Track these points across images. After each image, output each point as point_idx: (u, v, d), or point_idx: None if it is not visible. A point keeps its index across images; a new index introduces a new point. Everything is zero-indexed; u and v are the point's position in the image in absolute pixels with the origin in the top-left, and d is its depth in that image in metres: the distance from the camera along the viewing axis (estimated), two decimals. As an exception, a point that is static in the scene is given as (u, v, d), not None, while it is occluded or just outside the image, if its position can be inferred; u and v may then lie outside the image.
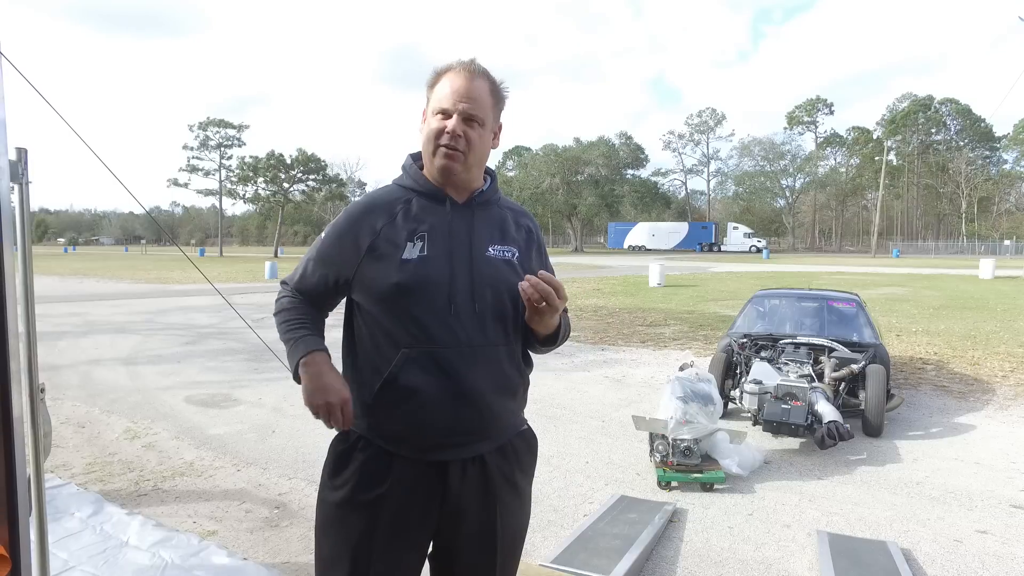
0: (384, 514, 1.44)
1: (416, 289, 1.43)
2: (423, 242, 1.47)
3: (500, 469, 1.52)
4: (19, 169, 1.61)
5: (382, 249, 1.47)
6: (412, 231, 1.48)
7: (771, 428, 4.78)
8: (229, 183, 61.12)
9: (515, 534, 1.59)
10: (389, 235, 1.48)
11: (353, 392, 1.50)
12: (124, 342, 9.80)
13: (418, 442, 1.46)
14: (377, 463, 1.47)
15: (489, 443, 1.51)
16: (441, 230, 1.49)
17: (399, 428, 1.46)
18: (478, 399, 1.45)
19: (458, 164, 1.47)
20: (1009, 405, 6.21)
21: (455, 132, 1.44)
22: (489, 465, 1.51)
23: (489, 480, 1.51)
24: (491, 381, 1.47)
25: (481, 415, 1.46)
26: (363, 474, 1.47)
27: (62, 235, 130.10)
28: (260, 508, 3.76)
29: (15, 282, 1.32)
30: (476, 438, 1.49)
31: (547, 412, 5.86)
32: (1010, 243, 57.11)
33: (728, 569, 3.12)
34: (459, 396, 1.43)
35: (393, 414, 1.45)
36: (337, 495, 1.49)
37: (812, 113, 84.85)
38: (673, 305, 14.97)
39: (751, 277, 24.83)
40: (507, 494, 1.54)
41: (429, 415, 1.43)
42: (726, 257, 52.60)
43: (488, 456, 1.51)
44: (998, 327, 11.20)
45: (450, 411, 1.43)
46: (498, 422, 1.52)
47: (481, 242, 1.51)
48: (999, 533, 3.53)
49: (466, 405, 1.44)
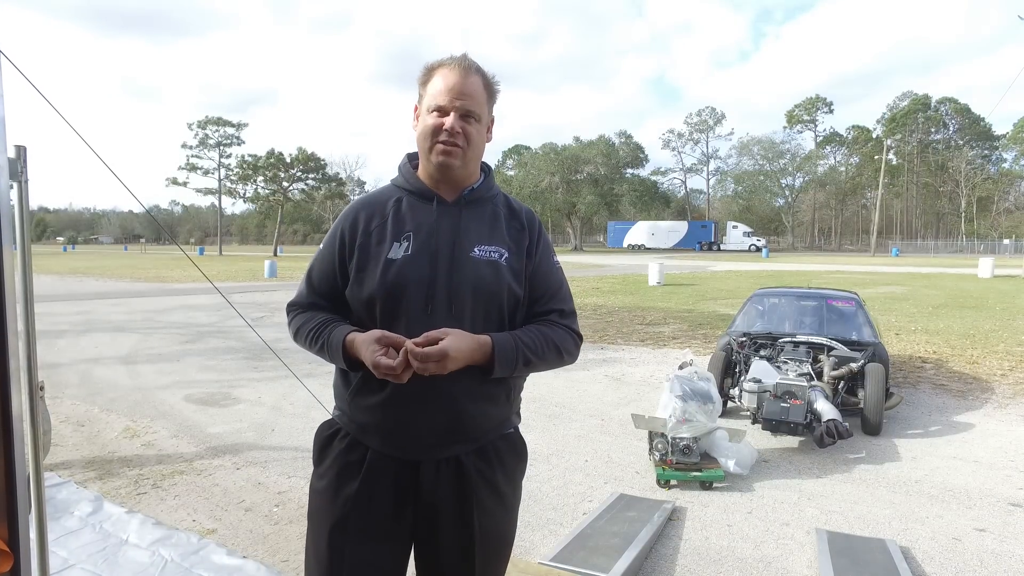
0: (358, 507, 1.47)
1: (397, 288, 1.44)
2: (408, 242, 1.47)
3: (478, 470, 1.50)
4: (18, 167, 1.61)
5: (371, 247, 1.48)
6: (399, 231, 1.49)
7: (770, 426, 4.78)
8: (228, 182, 61.08)
9: (498, 537, 1.56)
10: (379, 234, 1.49)
11: (339, 384, 1.56)
12: (123, 341, 9.80)
13: (392, 439, 1.47)
14: (354, 455, 1.50)
15: (466, 445, 1.50)
16: (427, 230, 1.49)
17: (374, 423, 1.48)
18: (450, 403, 1.44)
19: (456, 160, 1.47)
20: (1008, 404, 6.22)
21: (453, 129, 1.44)
22: (465, 465, 1.49)
23: (465, 480, 1.49)
24: (465, 385, 1.43)
25: (453, 419, 1.45)
26: (340, 465, 1.50)
27: (61, 234, 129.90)
28: (259, 506, 3.76)
29: (14, 281, 1.32)
30: (450, 439, 1.47)
31: (546, 411, 5.87)
32: (1009, 242, 57.08)
33: (727, 567, 3.13)
34: (431, 399, 1.42)
35: (369, 409, 1.47)
36: (320, 484, 1.53)
37: (811, 112, 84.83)
38: (672, 304, 14.98)
39: (750, 276, 24.83)
40: (486, 496, 1.51)
41: (401, 415, 1.44)
42: (725, 256, 52.59)
43: (465, 457, 1.49)
44: (997, 326, 11.21)
45: (424, 412, 1.43)
46: (475, 425, 1.48)
47: (467, 242, 1.49)
48: (997, 531, 3.54)
49: (438, 408, 1.43)
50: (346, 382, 1.52)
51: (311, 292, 1.57)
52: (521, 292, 1.52)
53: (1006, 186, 69.61)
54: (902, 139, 75.32)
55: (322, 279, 1.56)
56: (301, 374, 3.13)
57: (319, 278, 1.56)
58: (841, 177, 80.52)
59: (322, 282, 1.56)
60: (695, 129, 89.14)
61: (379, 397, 1.44)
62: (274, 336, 9.31)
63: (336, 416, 1.57)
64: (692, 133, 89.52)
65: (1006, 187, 69.56)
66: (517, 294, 1.51)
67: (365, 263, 1.47)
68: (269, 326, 10.81)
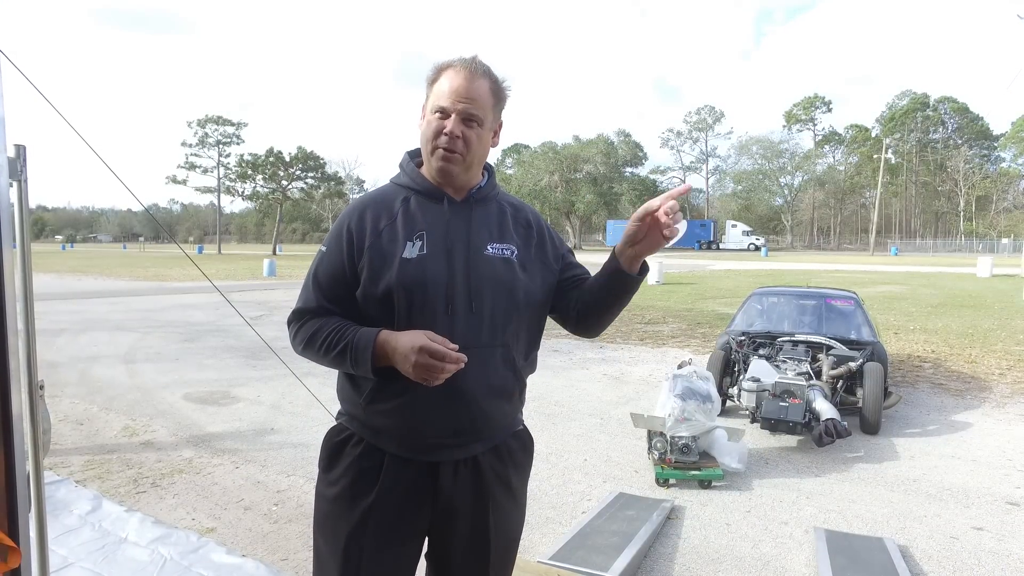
0: (375, 513, 1.44)
1: (415, 288, 1.42)
2: (422, 241, 1.45)
3: (494, 469, 1.52)
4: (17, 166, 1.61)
5: (383, 248, 1.45)
6: (411, 230, 1.46)
7: (769, 426, 4.79)
8: (228, 180, 61.05)
9: (509, 535, 1.58)
10: (390, 234, 1.46)
11: (348, 389, 1.50)
12: (122, 339, 9.79)
13: (409, 442, 1.45)
14: (369, 460, 1.46)
15: (482, 444, 1.50)
16: (439, 229, 1.47)
17: (391, 427, 1.45)
18: (471, 401, 1.43)
19: (456, 166, 1.46)
20: (1006, 403, 6.23)
21: (453, 133, 1.42)
22: (482, 465, 1.50)
23: (482, 480, 1.50)
24: (485, 383, 1.44)
25: (474, 417, 1.45)
26: (356, 471, 1.46)
27: (60, 232, 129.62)
28: (258, 505, 3.76)
29: (14, 279, 1.32)
30: (469, 439, 1.48)
31: (545, 410, 5.87)
32: (1008, 241, 57.09)
33: (726, 566, 3.13)
34: (452, 398, 1.41)
35: (385, 413, 1.44)
36: (331, 491, 1.49)
37: (810, 111, 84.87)
38: (672, 303, 14.99)
39: (749, 275, 24.85)
40: (501, 494, 1.53)
41: (421, 416, 1.43)
42: (725, 255, 52.61)
43: (481, 456, 1.50)
44: (995, 325, 11.23)
45: (442, 413, 1.42)
46: (492, 423, 1.50)
47: (480, 241, 1.49)
48: (995, 530, 3.55)
49: (459, 407, 1.43)
50: (357, 387, 1.47)
51: (320, 297, 1.48)
52: (532, 287, 1.53)
53: (1005, 185, 69.60)
54: (901, 138, 75.36)
55: (332, 282, 1.48)
56: (300, 373, 3.13)
57: (328, 281, 1.48)
58: (840, 176, 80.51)
59: (332, 285, 1.48)
60: (694, 128, 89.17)
61: (400, 400, 1.42)
62: (273, 335, 9.31)
63: (345, 421, 1.52)
64: (691, 132, 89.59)
65: (1005, 186, 69.55)
66: (529, 289, 1.52)
67: (379, 263, 1.43)
68: (268, 325, 10.80)
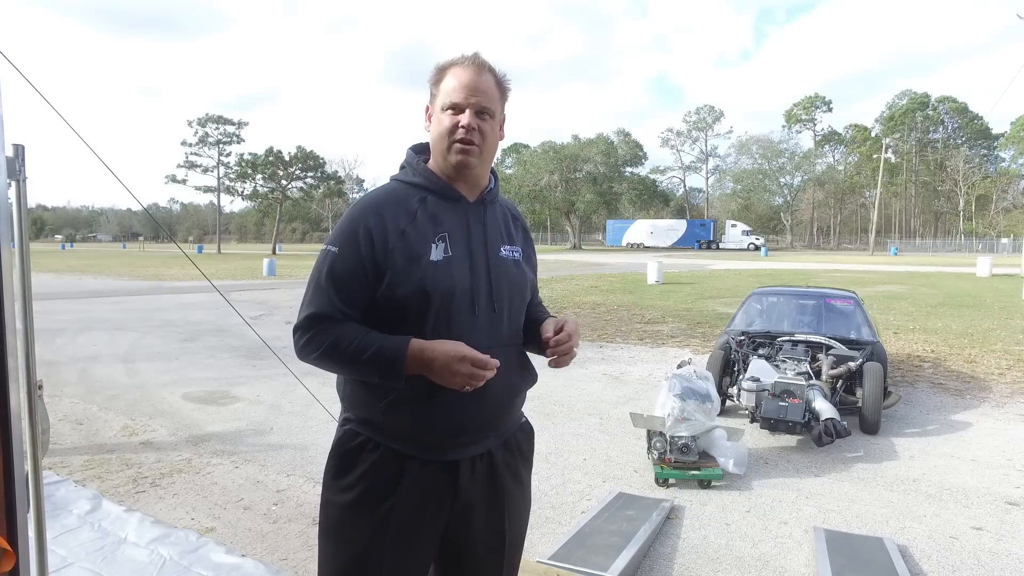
0: (395, 518, 1.42)
1: (444, 292, 1.41)
2: (445, 243, 1.45)
3: (505, 462, 1.56)
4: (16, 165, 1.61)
5: (410, 249, 1.41)
6: (434, 231, 1.45)
7: (769, 425, 4.79)
8: (227, 180, 61.00)
9: (520, 527, 1.63)
10: (413, 235, 1.42)
11: (362, 395, 1.45)
12: (122, 339, 9.79)
13: (433, 442, 1.45)
14: (388, 466, 1.43)
15: (496, 439, 1.54)
16: (460, 231, 1.48)
17: (415, 431, 1.43)
18: (493, 399, 1.46)
19: (474, 158, 1.47)
20: (1005, 403, 6.23)
21: (470, 126, 1.44)
22: (496, 459, 1.53)
23: (496, 475, 1.53)
24: (506, 381, 1.48)
25: (495, 414, 1.50)
26: (373, 477, 1.43)
27: (59, 232, 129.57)
28: (258, 505, 3.76)
29: (13, 279, 1.31)
30: (486, 435, 1.51)
31: (545, 409, 5.87)
32: (1007, 241, 57.16)
33: (725, 565, 3.13)
34: (480, 399, 1.42)
35: (409, 416, 1.42)
36: (345, 498, 1.44)
37: (810, 111, 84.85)
38: (671, 302, 14.99)
39: (749, 275, 24.85)
40: (513, 487, 1.57)
41: (447, 417, 1.43)
42: (724, 255, 52.60)
43: (495, 451, 1.54)
44: (995, 325, 11.23)
45: (468, 412, 1.44)
46: (510, 418, 1.57)
47: (495, 242, 1.53)
48: (994, 530, 3.55)
49: (484, 407, 1.46)
50: (373, 392, 1.43)
51: (336, 299, 1.40)
52: (532, 287, 1.67)
53: (1004, 185, 69.55)
54: (900, 138, 75.26)
55: (348, 283, 1.40)
56: (300, 373, 3.13)
57: (344, 283, 1.40)
58: (840, 176, 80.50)
59: (348, 287, 1.40)
60: (694, 127, 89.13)
61: (428, 403, 1.41)
62: (273, 334, 9.31)
63: (356, 427, 1.48)
64: (691, 131, 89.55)
65: (1004, 186, 69.49)
66: (532, 289, 1.65)
67: (405, 265, 1.40)
68: (268, 324, 10.80)
